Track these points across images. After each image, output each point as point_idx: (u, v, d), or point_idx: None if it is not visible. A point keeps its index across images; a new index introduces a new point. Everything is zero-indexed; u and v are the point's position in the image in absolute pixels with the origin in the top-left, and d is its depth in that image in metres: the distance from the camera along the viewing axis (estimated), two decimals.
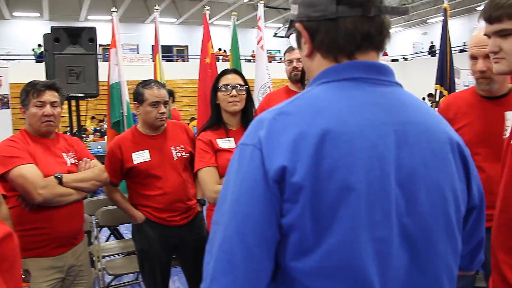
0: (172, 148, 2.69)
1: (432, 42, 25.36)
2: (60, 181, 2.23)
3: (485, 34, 1.49)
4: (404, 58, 25.68)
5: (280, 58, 23.35)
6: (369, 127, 0.83)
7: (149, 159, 2.60)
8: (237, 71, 2.47)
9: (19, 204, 2.18)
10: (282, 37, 24.18)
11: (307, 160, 0.79)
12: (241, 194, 0.82)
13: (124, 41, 18.08)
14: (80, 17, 21.33)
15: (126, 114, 4.48)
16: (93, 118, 13.04)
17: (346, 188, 0.79)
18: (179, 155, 2.69)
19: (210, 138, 2.41)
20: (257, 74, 4.72)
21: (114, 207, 3.39)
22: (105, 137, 10.43)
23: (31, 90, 2.30)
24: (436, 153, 0.88)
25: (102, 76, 4.31)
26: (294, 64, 3.06)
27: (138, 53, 21.88)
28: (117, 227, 3.99)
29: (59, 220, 2.25)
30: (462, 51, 21.90)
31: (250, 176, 0.82)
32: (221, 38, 24.49)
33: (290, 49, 3.14)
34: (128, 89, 4.42)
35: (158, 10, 5.12)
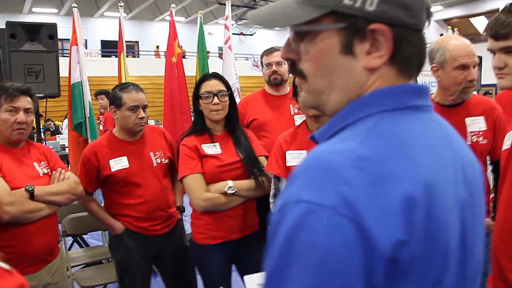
0: (151, 154, 2.58)
1: None
2: (32, 194, 2.06)
3: (489, 49, 1.52)
4: None
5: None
6: (447, 170, 0.70)
7: (128, 166, 2.47)
8: (217, 76, 2.41)
9: None
10: (234, 34, 24.18)
11: (420, 227, 0.61)
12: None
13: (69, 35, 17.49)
14: (24, 9, 20.30)
15: (88, 116, 4.27)
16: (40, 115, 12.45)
17: (446, 252, 0.65)
18: (159, 161, 2.59)
19: (195, 144, 2.33)
20: (225, 75, 4.62)
21: (81, 214, 3.25)
22: (56, 135, 10.00)
23: (2, 94, 2.11)
24: (480, 186, 0.79)
25: None
26: (274, 67, 2.98)
27: (86, 48, 21.14)
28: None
29: (30, 236, 2.08)
30: None
31: (337, 256, 0.57)
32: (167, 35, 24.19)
33: (269, 52, 3.07)
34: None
35: (121, 6, 4.82)
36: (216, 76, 2.38)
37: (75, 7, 4.49)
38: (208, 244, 2.34)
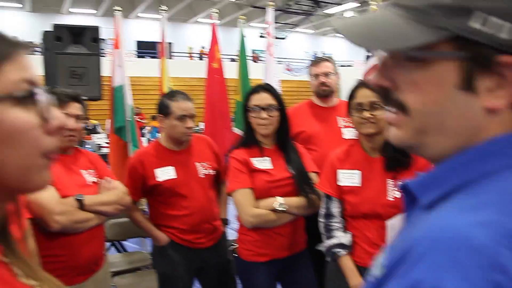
0: (198, 164, 2.51)
1: None
2: (81, 204, 2.02)
3: None
4: None
5: None
6: None
7: (175, 177, 2.41)
8: (269, 89, 2.31)
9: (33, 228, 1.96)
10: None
11: None
12: None
13: (107, 36, 17.70)
14: (62, 9, 20.76)
15: (129, 119, 4.25)
16: None
17: None
18: (206, 172, 2.52)
19: (245, 157, 2.26)
20: (266, 81, 4.56)
21: (122, 220, 3.22)
22: (91, 135, 10.14)
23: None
24: None
25: None
26: (322, 78, 2.89)
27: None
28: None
29: (78, 246, 2.04)
30: None
31: None
32: (205, 37, 24.33)
33: (316, 62, 2.98)
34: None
35: (163, 10, 4.81)
36: (267, 89, 2.29)
37: (116, 10, 4.47)
38: (255, 262, 2.26)
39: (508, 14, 0.55)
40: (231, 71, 5.07)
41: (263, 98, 2.25)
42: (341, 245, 2.01)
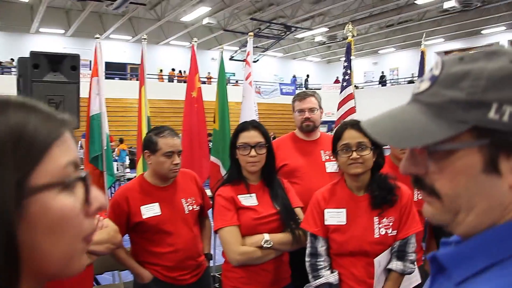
0: (183, 200, 2.51)
1: (382, 72, 26.38)
2: None
3: None
4: (355, 86, 26.47)
5: (236, 81, 23.43)
6: None
7: (160, 213, 2.39)
8: (257, 126, 2.33)
9: None
10: (238, 60, 24.37)
11: None
12: None
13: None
14: (31, 29, 20.42)
15: (105, 148, 4.21)
16: None
17: None
18: (190, 208, 2.51)
19: (232, 195, 2.27)
20: (244, 111, 4.58)
21: None
22: None
23: None
24: None
25: None
26: (306, 114, 2.94)
27: (90, 69, 21.21)
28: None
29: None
30: (410, 82, 22.97)
31: None
32: (175, 58, 24.32)
33: (301, 97, 3.02)
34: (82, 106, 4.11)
35: (145, 39, 4.82)
36: (255, 126, 2.31)
37: (97, 37, 4.46)
38: None
39: None
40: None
41: (252, 136, 2.27)
42: (329, 285, 2.03)
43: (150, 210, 2.38)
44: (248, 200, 2.28)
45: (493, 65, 0.62)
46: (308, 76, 28.41)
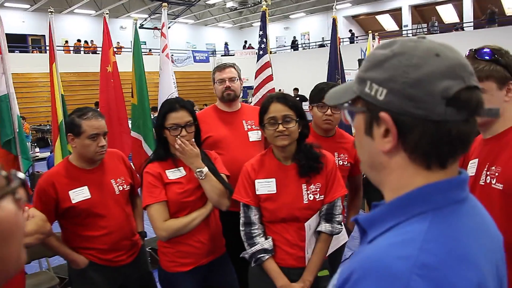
0: (113, 181, 2.47)
1: (294, 37, 26.86)
2: None
3: None
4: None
5: (149, 50, 22.70)
6: (492, 264, 0.76)
7: (90, 196, 2.35)
8: (184, 106, 2.33)
9: None
10: (149, 28, 23.54)
11: None
12: None
13: None
14: None
15: (17, 131, 3.96)
16: None
17: None
18: (121, 189, 2.49)
19: (159, 171, 2.29)
20: (163, 84, 4.51)
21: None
22: None
23: None
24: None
25: None
26: (227, 83, 2.98)
27: None
28: None
29: None
30: (320, 46, 23.66)
31: None
32: (81, 28, 22.95)
33: (221, 68, 3.05)
34: None
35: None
36: (183, 106, 2.31)
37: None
38: (178, 272, 2.31)
39: (382, 82, 0.76)
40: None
41: (182, 116, 2.28)
42: (264, 250, 2.14)
43: (80, 194, 2.33)
44: (176, 173, 2.31)
45: (380, 51, 0.79)
46: (226, 43, 28.22)
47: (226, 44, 28.20)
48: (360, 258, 0.73)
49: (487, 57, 1.63)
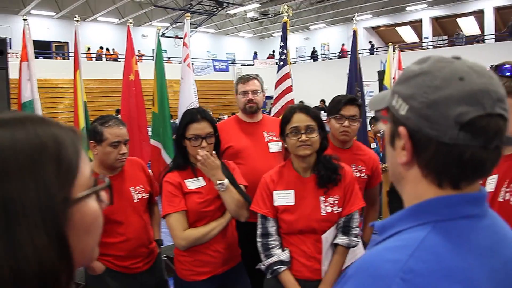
0: (132, 189, 2.50)
1: (314, 48, 26.89)
2: None
3: None
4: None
5: (169, 58, 22.97)
6: (488, 283, 0.73)
7: (108, 204, 2.37)
8: (205, 117, 2.34)
9: None
10: (170, 37, 23.82)
11: None
12: None
13: None
14: None
15: None
16: None
17: None
18: (140, 197, 2.52)
19: (179, 180, 2.31)
20: (183, 93, 4.56)
21: None
22: None
23: None
24: None
25: None
26: (250, 96, 3.00)
27: (11, 48, 19.86)
28: None
29: None
30: (340, 57, 23.62)
31: None
32: (103, 36, 23.37)
33: (245, 79, 3.07)
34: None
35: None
36: (204, 117, 2.32)
37: (24, 19, 4.20)
38: (195, 280, 2.32)
39: (405, 98, 0.78)
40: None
41: (203, 127, 2.29)
42: (281, 262, 2.13)
43: None
44: (195, 183, 2.33)
45: (412, 67, 0.81)
46: (256, 53, 28.45)
47: (255, 53, 28.40)
48: (361, 258, 0.79)
49: (508, 73, 1.61)
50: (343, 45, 24.07)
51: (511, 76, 1.61)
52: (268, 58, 26.92)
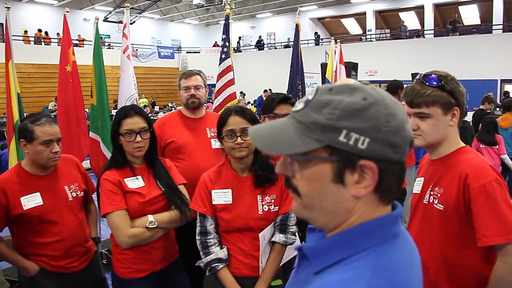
0: (66, 187, 2.44)
1: (260, 36, 26.92)
2: None
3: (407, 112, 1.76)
4: (234, 49, 26.72)
5: (109, 44, 22.29)
6: None
7: (42, 203, 2.31)
8: (139, 112, 2.34)
9: None
10: (113, 21, 23.04)
11: None
12: None
13: None
14: None
15: None
16: None
17: None
18: (74, 195, 2.46)
19: (119, 179, 2.28)
20: (123, 86, 4.45)
21: None
22: None
23: None
24: None
25: None
26: (192, 91, 2.99)
27: None
28: None
29: None
30: (286, 46, 23.80)
31: None
32: (41, 18, 22.25)
33: (187, 75, 3.05)
34: None
35: None
36: (137, 112, 2.31)
37: None
38: (133, 278, 2.31)
39: (364, 131, 0.76)
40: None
41: (136, 122, 2.28)
42: (219, 260, 2.16)
43: (32, 201, 2.29)
44: (135, 182, 2.31)
45: (349, 99, 0.78)
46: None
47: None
48: None
49: (434, 83, 1.71)
50: (288, 39, 24.28)
51: (437, 86, 1.71)
52: (214, 46, 26.70)
